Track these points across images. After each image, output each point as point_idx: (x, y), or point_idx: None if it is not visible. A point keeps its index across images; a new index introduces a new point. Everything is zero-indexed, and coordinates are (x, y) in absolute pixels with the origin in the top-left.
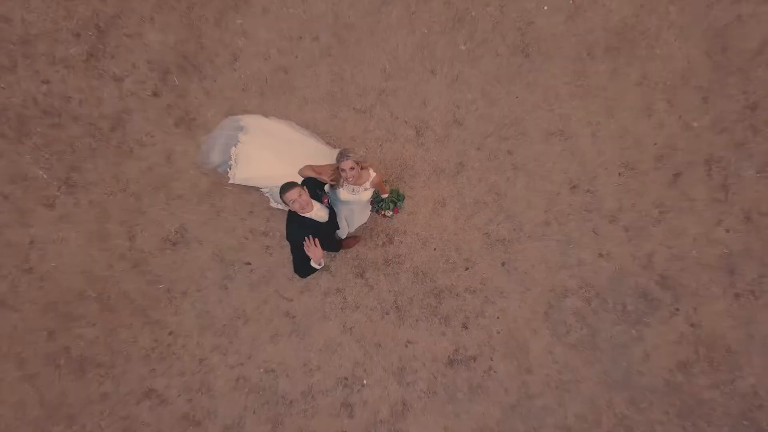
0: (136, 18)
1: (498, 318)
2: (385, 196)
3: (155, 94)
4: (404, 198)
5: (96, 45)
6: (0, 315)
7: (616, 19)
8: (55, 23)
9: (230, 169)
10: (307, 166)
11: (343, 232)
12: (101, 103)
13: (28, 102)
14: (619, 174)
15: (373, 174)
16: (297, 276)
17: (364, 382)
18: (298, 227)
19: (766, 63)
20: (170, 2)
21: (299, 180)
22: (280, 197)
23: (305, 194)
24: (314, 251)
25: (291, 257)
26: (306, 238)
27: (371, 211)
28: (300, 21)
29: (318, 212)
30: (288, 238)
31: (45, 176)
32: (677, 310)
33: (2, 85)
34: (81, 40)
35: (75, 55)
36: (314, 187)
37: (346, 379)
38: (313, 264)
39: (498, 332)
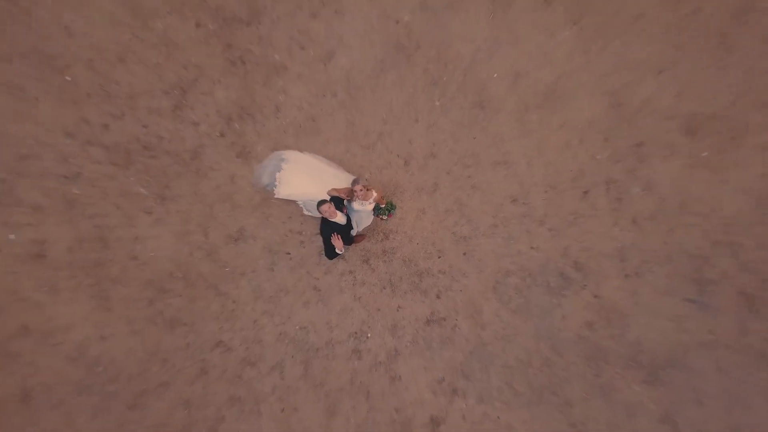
0: (209, 81)
1: (461, 291)
2: (383, 206)
3: (222, 135)
4: (396, 207)
5: (180, 100)
6: (114, 289)
7: (544, 83)
8: (151, 85)
9: (275, 188)
10: (332, 189)
11: (354, 231)
12: (184, 141)
13: (132, 140)
14: (545, 191)
15: (375, 193)
16: (326, 259)
17: (368, 335)
18: (328, 228)
19: (649, 114)
20: (232, 69)
21: (327, 197)
22: (317, 209)
23: (332, 207)
24: (337, 243)
25: (322, 248)
26: (333, 234)
27: (373, 215)
28: (324, 83)
29: (340, 218)
30: (321, 234)
31: (145, 192)
32: (585, 285)
33: (114, 129)
34: (169, 97)
35: (165, 107)
36: (337, 202)
37: (355, 333)
38: (337, 251)
39: (461, 301)
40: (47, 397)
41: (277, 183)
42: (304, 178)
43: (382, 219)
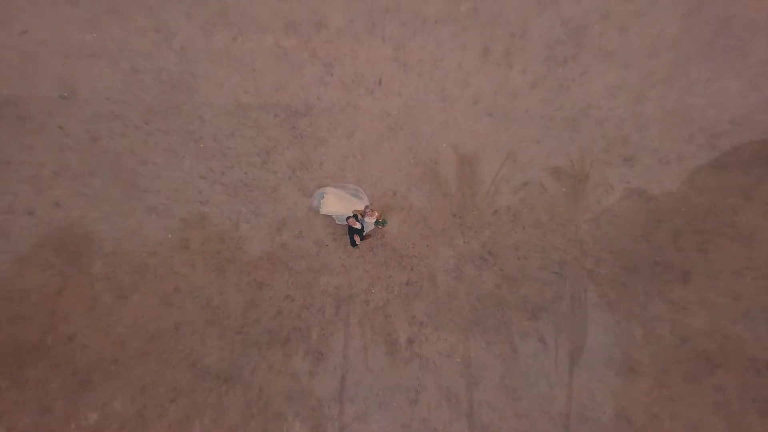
0: (282, 147)
1: (425, 267)
2: (380, 219)
3: (290, 178)
4: (387, 221)
5: (265, 158)
6: (227, 266)
7: (471, 149)
8: (249, 149)
9: (320, 208)
10: (354, 209)
11: (365, 233)
12: (268, 181)
13: (238, 181)
14: (473, 211)
15: (376, 213)
16: (350, 247)
17: (373, 291)
18: (352, 231)
19: (532, 167)
20: (295, 141)
21: (352, 214)
22: (346, 221)
23: (354, 220)
24: (357, 239)
25: (348, 241)
26: (354, 234)
27: (375, 225)
28: (347, 150)
29: (358, 226)
30: (348, 234)
31: (245, 210)
32: (495, 264)
33: (227, 174)
34: (259, 156)
35: (257, 162)
36: (357, 217)
37: (365, 290)
38: (357, 243)
39: (425, 272)
40: (190, 328)
41: (321, 205)
42: (337, 203)
43: (380, 227)
